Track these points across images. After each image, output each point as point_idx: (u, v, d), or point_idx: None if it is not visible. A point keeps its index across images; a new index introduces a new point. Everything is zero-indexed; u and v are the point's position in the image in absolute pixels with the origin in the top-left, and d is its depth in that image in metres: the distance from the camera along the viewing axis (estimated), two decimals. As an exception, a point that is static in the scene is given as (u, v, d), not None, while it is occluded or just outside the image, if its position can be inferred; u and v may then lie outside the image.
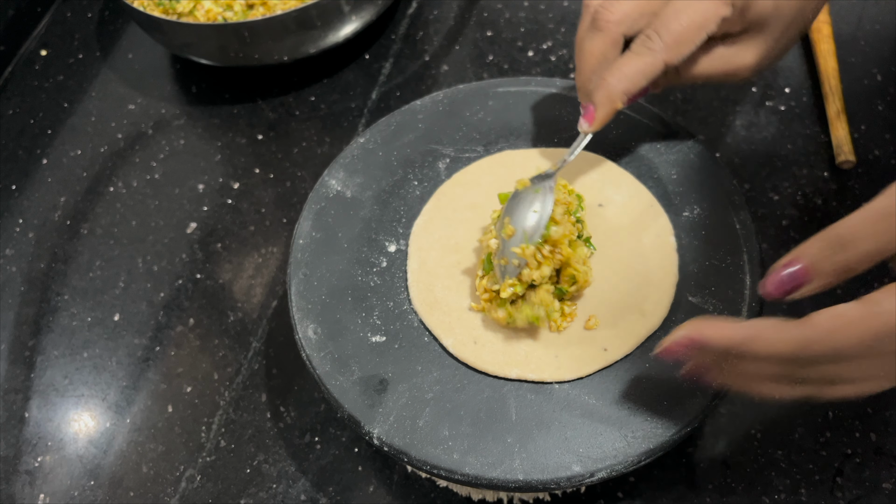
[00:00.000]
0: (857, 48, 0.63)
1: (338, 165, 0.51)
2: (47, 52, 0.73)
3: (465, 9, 0.71)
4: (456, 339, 0.44)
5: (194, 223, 0.60)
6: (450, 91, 0.54)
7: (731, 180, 0.48)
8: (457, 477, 0.40)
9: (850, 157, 0.56)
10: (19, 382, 0.54)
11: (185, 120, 0.67)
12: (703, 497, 0.45)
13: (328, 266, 0.47)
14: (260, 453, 0.49)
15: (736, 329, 0.34)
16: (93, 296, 0.57)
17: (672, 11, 0.43)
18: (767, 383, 0.35)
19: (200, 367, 0.53)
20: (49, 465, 0.50)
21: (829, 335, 0.32)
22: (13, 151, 0.67)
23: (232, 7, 0.64)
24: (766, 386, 0.35)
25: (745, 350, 0.33)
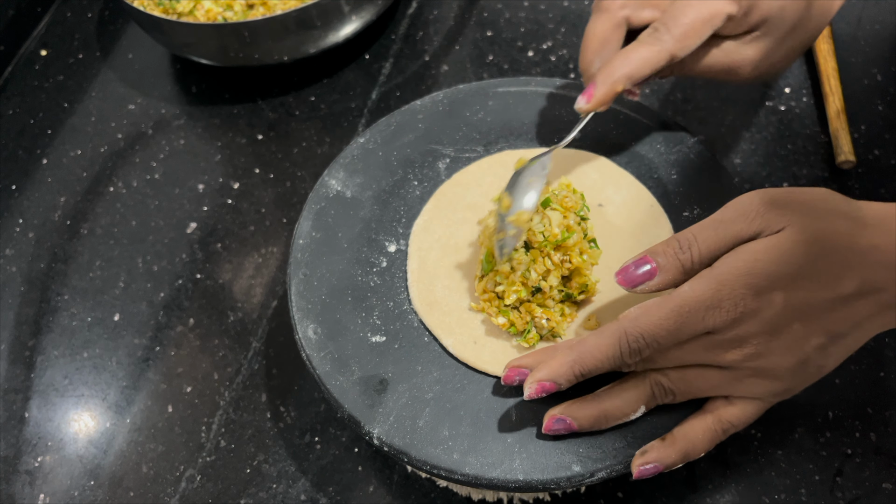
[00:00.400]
0: (857, 48, 0.63)
1: (338, 165, 0.51)
2: (47, 52, 0.73)
3: (465, 9, 0.71)
4: (456, 339, 0.44)
5: (194, 223, 0.60)
6: (450, 91, 0.54)
7: (731, 180, 0.48)
8: (457, 477, 0.40)
9: (850, 157, 0.56)
10: (19, 382, 0.54)
11: (185, 120, 0.67)
12: (703, 497, 0.45)
13: (328, 266, 0.47)
14: (260, 453, 0.49)
15: (563, 359, 0.39)
16: (93, 296, 0.57)
17: (681, 6, 0.44)
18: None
19: (200, 367, 0.53)
20: (49, 465, 0.50)
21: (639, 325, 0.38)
22: (13, 151, 0.67)
23: (232, 7, 0.64)
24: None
25: (583, 368, 0.39)
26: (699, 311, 0.37)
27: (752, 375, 0.38)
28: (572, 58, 0.66)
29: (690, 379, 0.39)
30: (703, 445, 0.39)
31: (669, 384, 0.39)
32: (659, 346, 0.38)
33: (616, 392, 0.40)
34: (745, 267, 0.36)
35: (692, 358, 0.38)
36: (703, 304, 0.37)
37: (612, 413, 0.39)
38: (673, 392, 0.39)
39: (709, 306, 0.36)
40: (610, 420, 0.40)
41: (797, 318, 0.37)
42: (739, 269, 0.36)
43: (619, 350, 0.38)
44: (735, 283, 0.36)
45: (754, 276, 0.36)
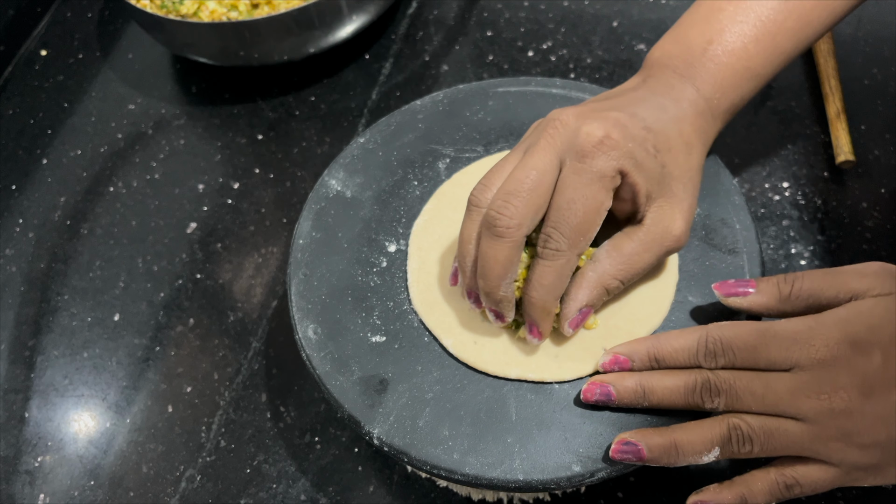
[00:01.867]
0: (857, 48, 0.63)
1: (338, 165, 0.51)
2: (47, 52, 0.73)
3: (465, 9, 0.71)
4: (456, 339, 0.44)
5: (194, 223, 0.60)
6: (450, 91, 0.54)
7: (731, 180, 0.48)
8: (457, 477, 0.40)
9: (850, 157, 0.56)
10: (19, 382, 0.54)
11: (185, 120, 0.67)
12: (703, 497, 0.45)
13: (328, 266, 0.47)
14: (260, 453, 0.49)
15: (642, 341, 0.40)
16: (93, 296, 0.57)
17: (564, 203, 0.39)
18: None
19: (200, 367, 0.53)
20: (49, 465, 0.50)
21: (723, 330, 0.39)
22: (13, 151, 0.67)
23: (237, 7, 0.64)
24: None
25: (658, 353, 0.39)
26: (786, 340, 0.36)
27: (837, 439, 0.35)
28: (572, 58, 0.66)
29: (771, 428, 0.36)
30: (762, 496, 0.37)
31: (748, 430, 0.37)
32: (735, 358, 0.37)
33: (691, 426, 0.38)
34: (846, 316, 0.35)
35: (774, 399, 0.36)
36: (791, 334, 0.36)
37: (684, 447, 0.37)
38: (751, 440, 0.37)
39: (797, 339, 0.35)
40: (681, 455, 0.38)
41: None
42: (839, 317, 0.35)
43: (695, 345, 0.38)
44: (832, 326, 0.35)
45: (853, 326, 0.35)
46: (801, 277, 0.38)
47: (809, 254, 0.53)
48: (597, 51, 0.66)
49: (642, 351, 0.40)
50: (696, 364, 0.39)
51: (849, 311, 0.36)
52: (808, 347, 0.35)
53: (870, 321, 0.35)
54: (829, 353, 0.35)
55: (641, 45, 0.66)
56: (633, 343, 0.41)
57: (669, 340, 0.39)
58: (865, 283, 0.36)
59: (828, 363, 0.35)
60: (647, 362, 0.40)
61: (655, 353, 0.39)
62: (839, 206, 0.55)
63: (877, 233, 0.54)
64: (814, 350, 0.35)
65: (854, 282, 0.36)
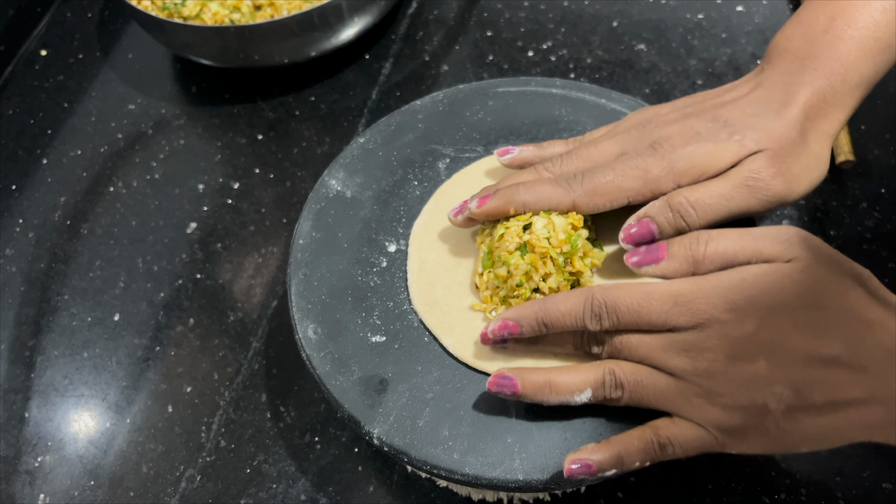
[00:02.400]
0: (857, 48, 0.63)
1: (338, 165, 0.51)
2: (47, 52, 0.73)
3: (465, 9, 0.71)
4: (456, 339, 0.44)
5: (194, 223, 0.60)
6: (450, 91, 0.54)
7: (731, 180, 0.48)
8: (457, 477, 0.40)
9: (850, 157, 0.56)
10: (19, 382, 0.54)
11: (185, 120, 0.67)
12: (703, 497, 0.45)
13: (328, 266, 0.47)
14: (260, 453, 0.49)
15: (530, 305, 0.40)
16: (93, 296, 0.57)
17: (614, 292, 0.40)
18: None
19: (200, 367, 0.53)
20: (49, 465, 0.50)
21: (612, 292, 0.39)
22: (13, 151, 0.67)
23: (239, 9, 0.64)
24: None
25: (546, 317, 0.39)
26: (667, 302, 0.36)
27: (700, 396, 0.36)
28: (572, 58, 0.66)
29: (641, 377, 0.38)
30: (638, 455, 0.38)
31: (621, 375, 0.38)
32: (619, 321, 0.38)
33: (568, 368, 0.40)
34: (731, 281, 0.36)
35: (647, 351, 0.38)
36: (673, 297, 0.36)
37: (557, 386, 0.39)
38: (622, 386, 0.38)
39: (678, 301, 0.36)
40: (554, 392, 0.39)
41: (763, 354, 0.35)
42: (724, 281, 0.36)
43: (581, 308, 0.38)
44: (714, 291, 0.36)
45: (735, 292, 0.35)
46: (716, 238, 0.37)
47: (809, 254, 0.53)
48: (597, 51, 0.66)
49: (530, 315, 0.40)
50: (582, 326, 0.39)
51: (732, 278, 0.36)
52: (685, 310, 0.36)
53: (752, 290, 0.35)
54: (704, 316, 0.35)
55: (641, 45, 0.66)
56: (520, 308, 0.40)
57: (556, 304, 0.39)
58: (777, 250, 0.36)
59: (701, 325, 0.36)
60: (535, 327, 0.40)
61: (543, 318, 0.39)
62: (839, 206, 0.55)
63: (877, 233, 0.54)
64: (690, 313, 0.36)
65: (768, 248, 0.36)
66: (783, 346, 0.34)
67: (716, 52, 0.65)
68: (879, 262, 0.52)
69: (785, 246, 0.36)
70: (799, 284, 0.35)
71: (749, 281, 0.35)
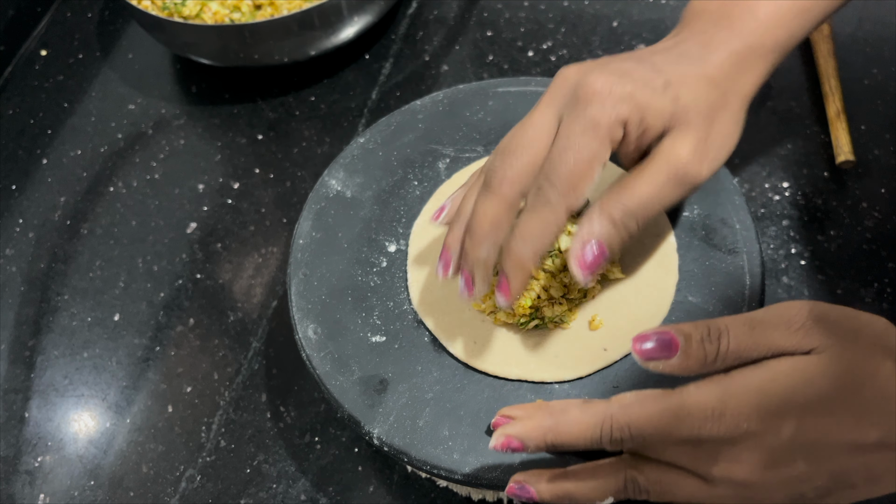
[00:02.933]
0: (857, 48, 0.63)
1: (338, 165, 0.51)
2: (47, 52, 0.73)
3: (465, 9, 0.71)
4: (456, 340, 0.44)
5: (194, 223, 0.60)
6: (450, 91, 0.54)
7: (731, 180, 0.48)
8: (457, 477, 0.40)
9: (850, 157, 0.56)
10: (19, 382, 0.54)
11: (185, 120, 0.67)
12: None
13: (328, 266, 0.47)
14: (260, 453, 0.49)
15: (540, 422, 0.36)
16: (93, 296, 0.57)
17: (556, 154, 0.38)
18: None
19: (200, 367, 0.53)
20: (49, 465, 0.50)
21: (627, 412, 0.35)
22: (13, 151, 0.67)
23: (239, 8, 0.64)
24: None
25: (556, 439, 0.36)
26: (697, 418, 0.33)
27: (735, 499, 0.34)
28: (572, 58, 0.66)
29: (668, 483, 0.35)
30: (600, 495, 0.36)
31: (644, 483, 0.35)
32: (644, 443, 0.35)
33: (586, 474, 0.36)
34: (760, 384, 0.33)
35: (676, 460, 0.35)
36: (703, 412, 0.33)
37: (577, 496, 0.36)
38: (648, 492, 0.36)
39: (709, 416, 0.33)
40: (573, 501, 0.36)
41: (803, 456, 0.33)
42: (753, 385, 0.33)
43: (599, 434, 0.35)
44: (744, 398, 0.33)
45: (766, 396, 0.33)
46: (727, 332, 0.34)
47: (809, 254, 0.53)
48: (597, 51, 0.66)
49: (538, 436, 0.36)
50: (598, 448, 0.36)
51: (763, 378, 0.33)
52: (717, 424, 0.33)
53: (784, 390, 0.32)
54: (738, 431, 0.33)
55: (641, 45, 0.66)
56: (528, 423, 0.37)
57: (568, 423, 0.36)
58: (793, 342, 0.33)
59: (736, 439, 0.33)
60: (542, 447, 0.37)
61: (553, 440, 0.36)
62: (839, 206, 0.55)
63: (877, 233, 0.54)
64: (723, 427, 0.33)
65: (781, 339, 0.33)
66: (822, 442, 0.32)
67: (716, 52, 0.65)
68: (879, 262, 0.52)
69: (801, 335, 0.33)
70: (828, 377, 0.32)
71: (780, 382, 0.33)
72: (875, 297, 0.51)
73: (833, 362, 0.32)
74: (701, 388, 0.34)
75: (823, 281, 0.52)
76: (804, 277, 0.52)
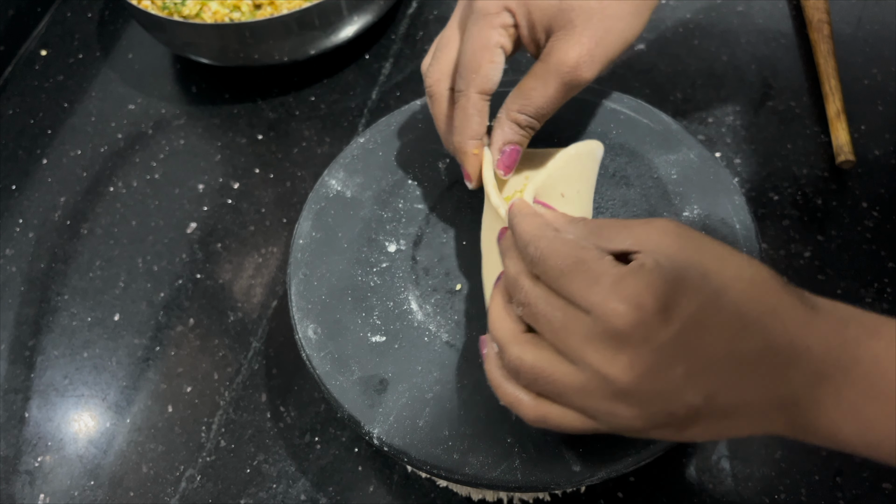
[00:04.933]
0: (857, 48, 0.63)
1: (338, 165, 0.51)
2: (47, 52, 0.73)
3: (465, 9, 0.71)
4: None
5: (194, 223, 0.60)
6: (450, 91, 0.54)
7: (731, 180, 0.48)
8: (457, 477, 0.40)
9: (850, 157, 0.56)
10: (19, 382, 0.54)
11: (185, 120, 0.67)
12: (703, 497, 0.45)
13: (328, 266, 0.47)
14: (260, 453, 0.49)
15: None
16: (93, 296, 0.57)
17: (461, 50, 0.44)
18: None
19: (200, 367, 0.53)
20: (49, 465, 0.50)
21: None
22: (13, 151, 0.67)
23: (239, 8, 0.64)
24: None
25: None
26: (593, 277, 0.32)
27: (610, 399, 0.32)
28: (572, 58, 0.66)
29: (542, 368, 0.34)
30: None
31: (520, 364, 0.34)
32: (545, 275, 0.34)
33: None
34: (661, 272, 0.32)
35: (564, 334, 0.33)
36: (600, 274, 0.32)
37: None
38: (518, 373, 0.35)
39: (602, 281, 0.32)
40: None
41: (682, 360, 0.31)
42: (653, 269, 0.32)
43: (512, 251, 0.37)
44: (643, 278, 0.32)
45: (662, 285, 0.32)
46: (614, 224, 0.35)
47: (809, 254, 0.53)
48: (597, 51, 0.66)
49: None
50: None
51: (663, 268, 0.32)
52: (611, 294, 0.32)
53: (676, 280, 0.31)
54: (631, 308, 0.31)
55: (641, 44, 0.66)
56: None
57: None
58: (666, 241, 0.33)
59: (626, 317, 0.31)
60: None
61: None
62: (839, 206, 0.55)
63: (877, 233, 0.54)
64: (616, 300, 0.31)
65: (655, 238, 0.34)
66: (702, 350, 0.31)
67: (716, 52, 0.65)
68: (879, 262, 0.52)
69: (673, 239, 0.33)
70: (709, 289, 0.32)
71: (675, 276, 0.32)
72: (875, 297, 0.51)
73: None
74: (613, 260, 0.33)
75: (823, 281, 0.52)
76: (804, 277, 0.52)
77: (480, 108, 0.44)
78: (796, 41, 0.65)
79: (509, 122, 0.44)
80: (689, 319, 0.31)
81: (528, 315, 0.35)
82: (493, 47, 0.43)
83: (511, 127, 0.44)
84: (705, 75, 0.64)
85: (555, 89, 0.43)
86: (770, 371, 0.32)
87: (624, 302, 0.31)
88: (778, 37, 0.65)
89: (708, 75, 0.64)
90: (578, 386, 0.33)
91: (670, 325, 0.31)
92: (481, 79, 0.43)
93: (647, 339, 0.31)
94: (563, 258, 0.34)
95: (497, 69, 0.44)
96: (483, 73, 0.43)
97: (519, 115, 0.44)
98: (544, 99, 0.43)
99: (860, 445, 0.31)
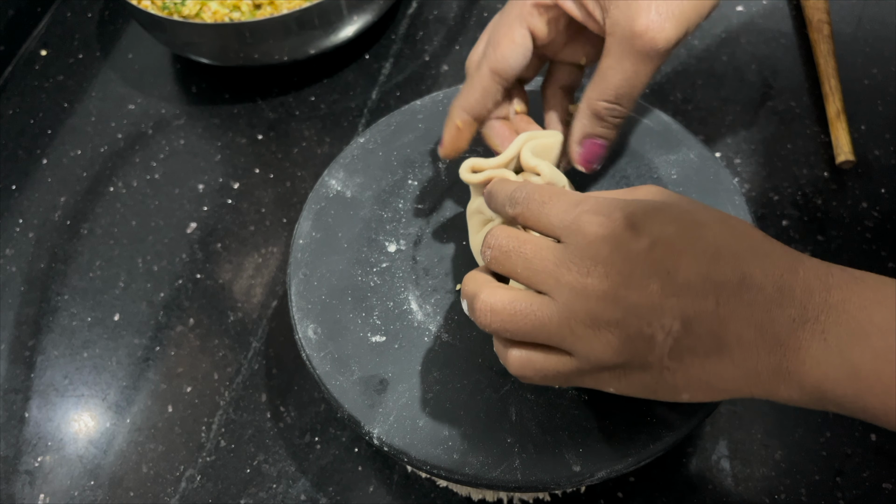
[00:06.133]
0: (857, 48, 0.63)
1: (338, 165, 0.51)
2: (47, 52, 0.73)
3: (465, 9, 0.71)
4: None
5: (194, 223, 0.60)
6: (450, 91, 0.54)
7: (731, 180, 0.48)
8: (457, 477, 0.40)
9: (850, 157, 0.56)
10: (19, 382, 0.54)
11: (185, 120, 0.67)
12: (703, 497, 0.45)
13: (328, 266, 0.47)
14: (260, 453, 0.49)
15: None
16: (93, 296, 0.57)
17: (490, 29, 0.44)
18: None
19: (200, 367, 0.53)
20: (49, 465, 0.50)
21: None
22: (13, 151, 0.67)
23: (239, 7, 0.64)
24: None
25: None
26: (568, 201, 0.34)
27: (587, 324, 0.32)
28: (572, 58, 0.66)
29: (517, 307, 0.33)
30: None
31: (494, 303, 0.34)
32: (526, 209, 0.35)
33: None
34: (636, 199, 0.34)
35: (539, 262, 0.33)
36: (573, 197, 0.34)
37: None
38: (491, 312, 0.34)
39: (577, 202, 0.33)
40: None
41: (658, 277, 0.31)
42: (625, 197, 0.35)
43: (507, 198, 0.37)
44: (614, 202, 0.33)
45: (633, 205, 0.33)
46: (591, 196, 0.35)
47: (809, 254, 0.53)
48: (597, 51, 0.66)
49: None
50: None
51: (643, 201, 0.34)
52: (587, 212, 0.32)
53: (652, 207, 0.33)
54: (603, 219, 0.32)
55: (641, 45, 0.66)
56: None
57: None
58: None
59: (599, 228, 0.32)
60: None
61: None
62: (839, 206, 0.55)
63: (877, 233, 0.54)
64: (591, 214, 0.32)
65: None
66: (677, 269, 0.31)
67: (716, 52, 0.65)
68: (879, 262, 0.52)
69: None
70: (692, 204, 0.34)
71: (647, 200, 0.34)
72: (875, 297, 0.51)
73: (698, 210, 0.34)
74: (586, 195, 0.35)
75: (823, 281, 0.52)
76: (804, 277, 0.52)
77: (486, 86, 0.43)
78: (796, 41, 0.65)
79: (588, 113, 0.41)
80: (661, 238, 0.32)
81: (500, 257, 0.35)
82: (517, 27, 0.42)
83: (589, 118, 0.41)
84: (705, 75, 0.64)
85: (631, 63, 0.38)
86: (751, 305, 0.31)
87: (598, 214, 0.33)
88: (778, 37, 0.65)
89: (708, 75, 0.64)
90: (555, 313, 0.32)
91: (640, 239, 0.32)
92: (496, 57, 0.42)
93: (619, 247, 0.32)
94: (547, 191, 0.35)
95: (516, 50, 0.42)
96: (500, 51, 0.42)
97: (598, 102, 0.40)
98: (622, 78, 0.39)
99: (847, 396, 0.30)
